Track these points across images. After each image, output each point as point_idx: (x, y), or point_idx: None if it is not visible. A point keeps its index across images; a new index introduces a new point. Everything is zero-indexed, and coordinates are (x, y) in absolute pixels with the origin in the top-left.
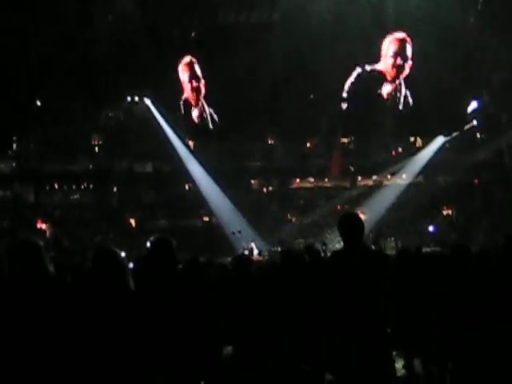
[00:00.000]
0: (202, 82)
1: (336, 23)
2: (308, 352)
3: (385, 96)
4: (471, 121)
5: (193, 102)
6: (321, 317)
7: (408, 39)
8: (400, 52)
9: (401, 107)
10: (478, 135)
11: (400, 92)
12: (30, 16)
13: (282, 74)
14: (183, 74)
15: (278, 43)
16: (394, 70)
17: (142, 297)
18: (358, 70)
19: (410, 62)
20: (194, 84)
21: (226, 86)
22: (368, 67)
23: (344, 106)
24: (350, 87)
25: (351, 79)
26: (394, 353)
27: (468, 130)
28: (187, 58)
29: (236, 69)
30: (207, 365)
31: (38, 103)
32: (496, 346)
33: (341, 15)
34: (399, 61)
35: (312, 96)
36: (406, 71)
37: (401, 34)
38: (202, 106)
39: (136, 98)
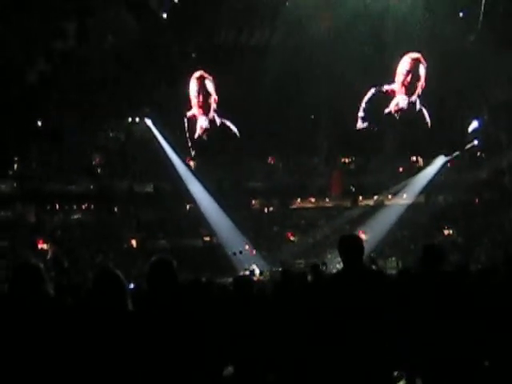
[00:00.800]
0: (214, 96)
1: (335, 44)
2: (308, 373)
3: (392, 111)
4: (472, 140)
5: (201, 114)
6: (320, 339)
7: (422, 59)
8: (413, 71)
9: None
10: (479, 154)
11: (415, 110)
12: (30, 34)
13: (282, 95)
14: (193, 89)
15: (278, 64)
16: (404, 88)
17: (141, 318)
18: (373, 90)
19: (422, 81)
20: (203, 98)
21: (226, 105)
22: (383, 87)
23: (360, 124)
24: (365, 107)
25: (366, 99)
26: (396, 373)
27: (469, 149)
28: (198, 73)
29: (236, 89)
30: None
31: (39, 123)
32: (498, 366)
33: (340, 36)
34: (409, 79)
35: (313, 116)
36: (419, 90)
37: (415, 54)
38: (213, 118)
39: (137, 119)
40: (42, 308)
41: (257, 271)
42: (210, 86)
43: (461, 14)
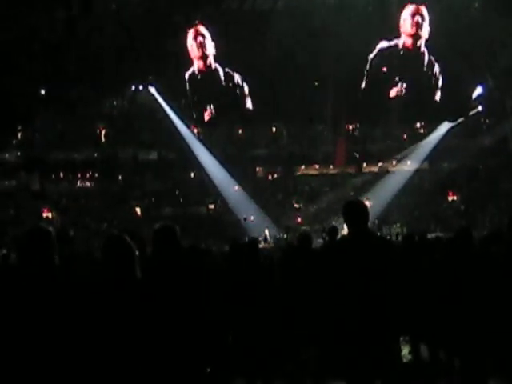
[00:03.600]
0: (211, 43)
1: (341, 8)
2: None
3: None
4: (476, 106)
5: (201, 66)
6: (326, 302)
7: (422, 8)
8: (415, 20)
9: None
10: (483, 121)
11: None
12: (34, 5)
13: (286, 60)
14: (190, 40)
15: (283, 29)
16: (410, 38)
17: (148, 285)
18: (382, 44)
19: (427, 26)
20: (201, 40)
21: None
22: (389, 42)
23: (363, 84)
24: (371, 63)
25: (373, 54)
26: (401, 338)
27: (473, 115)
28: (194, 29)
29: (240, 55)
30: (213, 351)
31: (43, 92)
32: (503, 330)
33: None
34: (416, 19)
35: (316, 83)
36: (425, 34)
37: (414, 5)
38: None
39: (140, 87)
40: (53, 276)
41: (268, 237)
42: (206, 33)
43: None
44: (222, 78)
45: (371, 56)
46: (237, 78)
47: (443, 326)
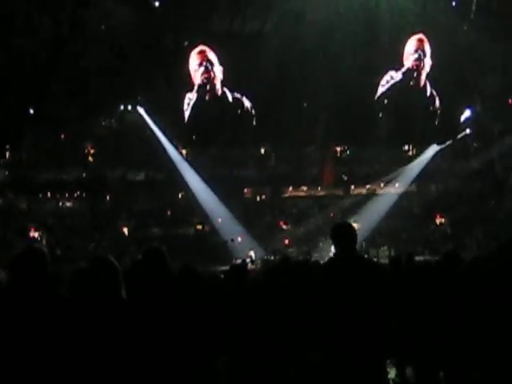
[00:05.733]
0: (219, 67)
1: (329, 32)
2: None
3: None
4: (464, 129)
5: (206, 86)
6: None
7: (425, 39)
8: (419, 51)
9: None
10: (471, 144)
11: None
12: (23, 23)
13: (275, 83)
14: (193, 63)
15: (271, 52)
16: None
17: (135, 307)
18: (391, 73)
19: (429, 59)
20: (208, 68)
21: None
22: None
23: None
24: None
25: (383, 83)
26: (387, 361)
27: (461, 138)
28: (199, 47)
29: (228, 77)
30: (202, 374)
31: (31, 111)
32: (489, 352)
33: (334, 24)
34: (417, 55)
35: (305, 104)
36: (427, 68)
37: (419, 35)
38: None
39: (129, 107)
40: (45, 297)
41: (254, 258)
42: (214, 58)
43: (453, 3)
44: (231, 102)
45: (382, 90)
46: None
47: (429, 348)
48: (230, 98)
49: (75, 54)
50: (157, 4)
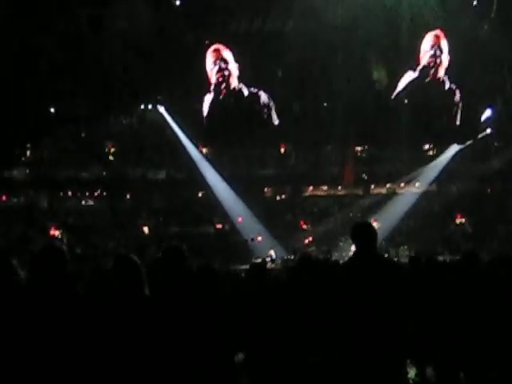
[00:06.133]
0: (234, 64)
1: (350, 30)
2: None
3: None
4: (485, 129)
5: (221, 85)
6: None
7: (442, 35)
8: (435, 47)
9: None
10: (492, 144)
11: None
12: (44, 23)
13: (296, 82)
14: (209, 62)
15: (292, 51)
16: (431, 70)
17: (157, 304)
18: (410, 73)
19: (447, 55)
20: (222, 66)
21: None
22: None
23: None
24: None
25: (401, 88)
26: (408, 361)
27: (482, 138)
28: (214, 46)
29: (249, 76)
30: (219, 371)
31: (52, 110)
32: (506, 353)
33: (355, 22)
34: (434, 51)
35: (325, 104)
36: (445, 64)
37: (436, 31)
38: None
39: (149, 106)
40: (64, 294)
41: (274, 258)
42: (228, 56)
43: (474, 3)
44: (246, 97)
45: (398, 89)
46: (263, 96)
47: (449, 348)
48: (246, 93)
49: (95, 53)
50: (178, 3)
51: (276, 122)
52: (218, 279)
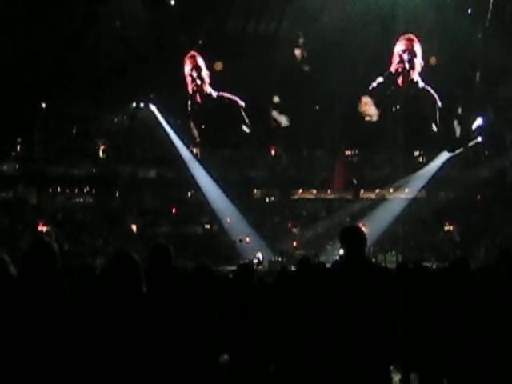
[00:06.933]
0: (205, 72)
1: (343, 34)
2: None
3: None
4: (476, 137)
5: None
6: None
7: (415, 39)
8: (409, 50)
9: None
10: (482, 152)
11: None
12: (37, 19)
13: (288, 85)
14: (187, 67)
15: (286, 52)
16: (402, 65)
17: (155, 302)
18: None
19: (419, 58)
20: (194, 75)
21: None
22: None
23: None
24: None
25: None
26: (391, 367)
27: (472, 146)
28: (190, 53)
29: (242, 77)
30: (204, 372)
31: (43, 105)
32: (495, 360)
33: (348, 26)
34: (406, 56)
35: (317, 107)
36: (418, 67)
37: (409, 35)
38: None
39: (141, 104)
40: (55, 290)
41: (261, 260)
42: (201, 62)
43: (469, 11)
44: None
45: (371, 87)
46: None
47: (434, 354)
48: (215, 96)
49: (89, 51)
50: (172, 2)
51: (247, 130)
52: (211, 280)
